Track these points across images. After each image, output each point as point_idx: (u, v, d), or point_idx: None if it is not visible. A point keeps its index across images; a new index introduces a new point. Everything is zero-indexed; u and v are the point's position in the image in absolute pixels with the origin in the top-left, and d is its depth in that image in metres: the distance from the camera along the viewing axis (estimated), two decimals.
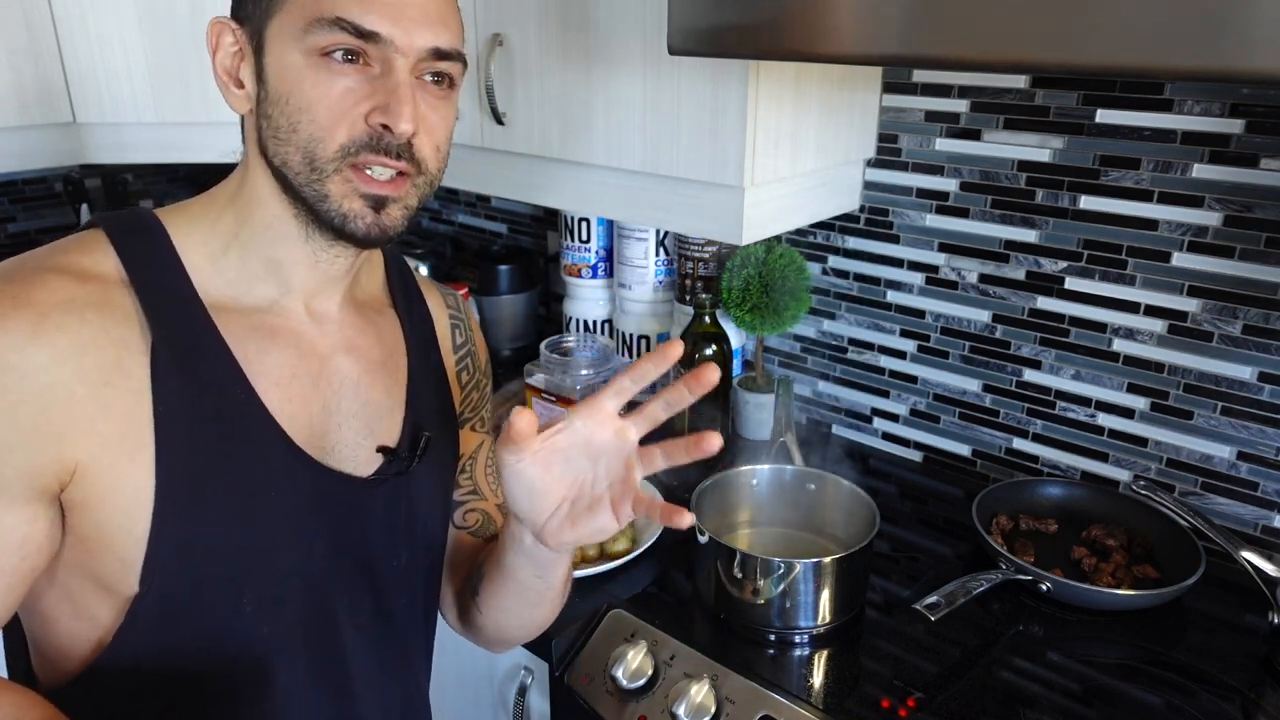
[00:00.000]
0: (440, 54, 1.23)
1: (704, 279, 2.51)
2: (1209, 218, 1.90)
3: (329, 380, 1.35)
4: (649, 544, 1.99)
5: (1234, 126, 1.84)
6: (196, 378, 1.21)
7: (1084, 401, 2.15)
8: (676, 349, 1.19)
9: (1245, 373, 1.93)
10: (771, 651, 1.77)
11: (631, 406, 1.23)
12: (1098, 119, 1.97)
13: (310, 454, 1.31)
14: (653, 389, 1.26)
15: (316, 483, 1.31)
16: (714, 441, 1.17)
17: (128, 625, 1.22)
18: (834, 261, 2.44)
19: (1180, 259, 1.95)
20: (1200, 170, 1.89)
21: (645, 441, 1.25)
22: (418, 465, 1.44)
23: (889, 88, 2.22)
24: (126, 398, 1.16)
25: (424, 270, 3.09)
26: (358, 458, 1.37)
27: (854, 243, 2.39)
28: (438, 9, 1.23)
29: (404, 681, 1.52)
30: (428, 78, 1.25)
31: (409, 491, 1.44)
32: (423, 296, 1.58)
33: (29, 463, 1.13)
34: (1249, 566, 1.76)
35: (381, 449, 1.39)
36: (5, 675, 1.29)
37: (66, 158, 2.55)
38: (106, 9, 2.35)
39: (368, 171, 1.22)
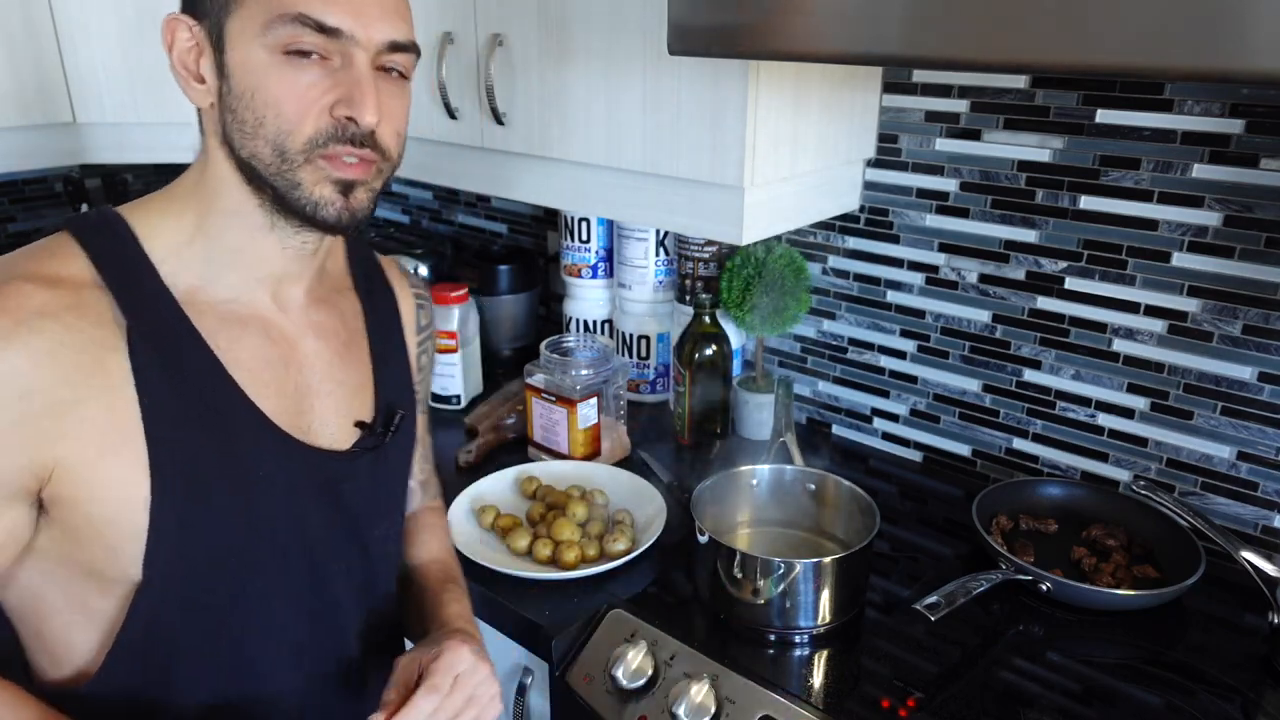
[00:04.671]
0: (397, 46, 1.29)
1: (704, 279, 2.51)
2: (1209, 218, 1.90)
3: (299, 363, 1.40)
4: (649, 544, 1.99)
5: (1234, 126, 1.84)
6: (177, 370, 1.25)
7: (1084, 401, 2.14)
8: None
9: (1245, 373, 1.93)
10: (771, 651, 1.77)
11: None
12: (1098, 119, 1.97)
13: (291, 434, 1.36)
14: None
15: (301, 459, 1.38)
16: None
17: (134, 612, 1.27)
18: (834, 261, 2.44)
19: (1180, 259, 1.95)
20: (1200, 170, 1.89)
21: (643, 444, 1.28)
22: (390, 439, 1.51)
23: (889, 88, 2.22)
24: (109, 395, 1.20)
25: (424, 271, 3.09)
26: (336, 434, 1.44)
27: (854, 243, 2.39)
28: (394, 3, 1.29)
29: (393, 639, 1.61)
30: (385, 69, 1.30)
31: (384, 464, 1.52)
32: (385, 277, 1.62)
33: (7, 466, 1.17)
34: (1249, 566, 1.76)
35: (359, 424, 1.46)
36: None
37: (66, 158, 2.55)
38: (106, 10, 2.35)
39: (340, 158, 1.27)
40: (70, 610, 1.30)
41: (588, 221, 2.68)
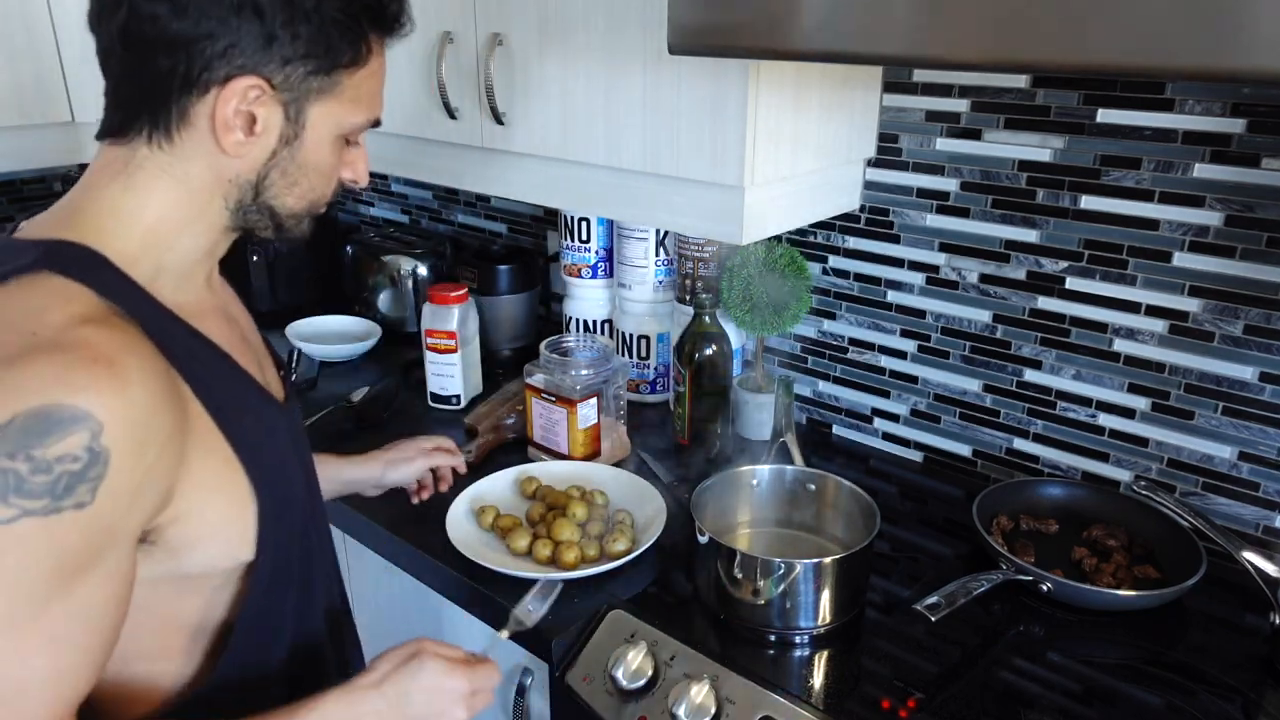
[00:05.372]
0: None
1: (704, 279, 2.51)
2: (1210, 217, 1.90)
3: (243, 335, 1.50)
4: (649, 544, 1.99)
5: (1235, 126, 1.84)
6: (208, 371, 1.31)
7: (1085, 401, 2.14)
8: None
9: (1246, 373, 1.93)
10: (772, 652, 1.77)
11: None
12: (1098, 119, 1.97)
13: (281, 399, 1.51)
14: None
15: (286, 417, 1.50)
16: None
17: (253, 589, 1.38)
18: (834, 261, 2.44)
19: (1181, 259, 1.95)
20: (1201, 170, 1.89)
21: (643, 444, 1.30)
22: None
23: (889, 87, 2.22)
24: (188, 413, 1.24)
25: (423, 270, 3.09)
26: (277, 387, 1.53)
27: (854, 242, 2.39)
28: None
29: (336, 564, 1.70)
30: None
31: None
32: None
33: (152, 504, 1.20)
34: (1250, 567, 1.76)
35: (281, 373, 1.61)
36: None
37: (65, 157, 2.55)
38: None
39: None
40: (153, 639, 1.34)
41: (587, 221, 2.68)
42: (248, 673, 1.40)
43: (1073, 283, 2.09)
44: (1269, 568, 1.75)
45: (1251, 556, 1.77)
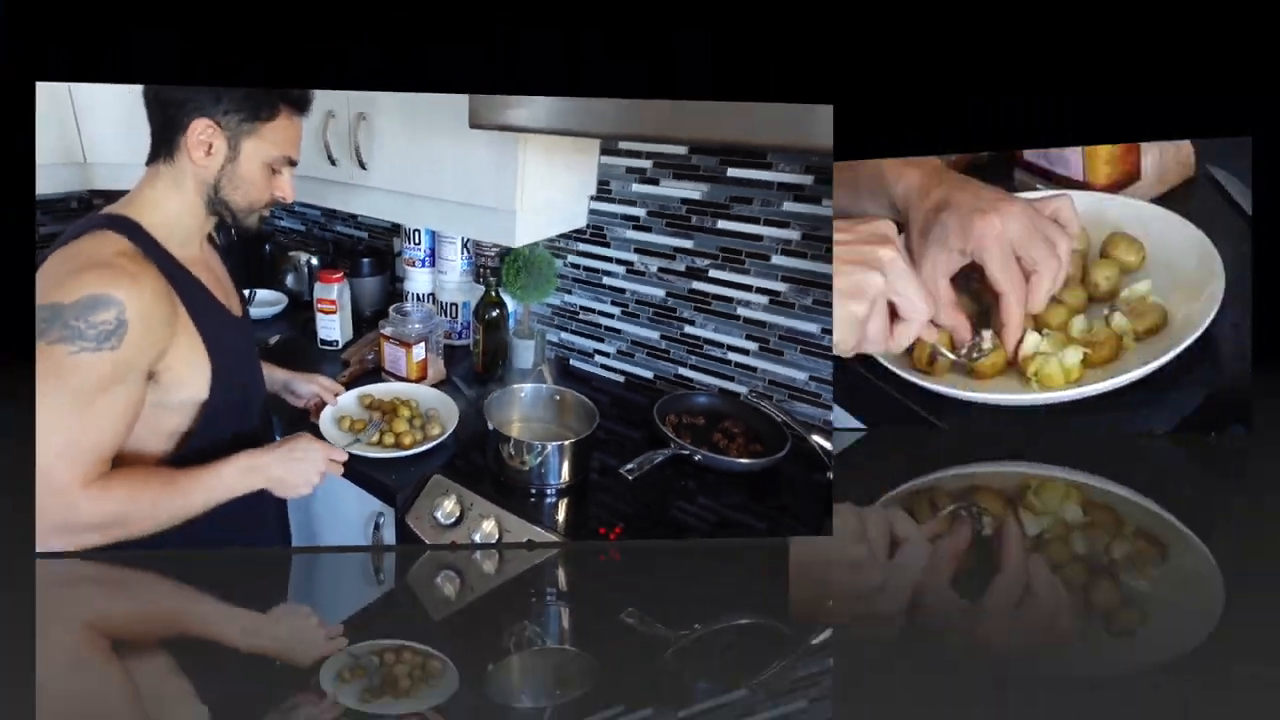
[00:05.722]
0: None
1: (492, 268, 2.44)
2: (793, 234, 1.94)
3: (217, 278, 1.58)
4: (452, 430, 1.92)
5: (808, 179, 1.88)
6: (193, 296, 1.45)
7: (720, 345, 2.16)
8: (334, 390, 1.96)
9: (814, 328, 1.97)
10: (533, 500, 1.76)
11: None
12: (729, 173, 1.99)
13: (236, 315, 1.61)
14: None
15: (244, 327, 1.66)
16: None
17: (200, 418, 1.50)
18: (571, 258, 2.39)
19: (777, 259, 1.98)
20: (789, 205, 1.92)
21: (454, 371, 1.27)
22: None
23: (605, 150, 2.18)
24: (179, 312, 1.41)
25: (315, 261, 2.95)
26: (239, 308, 1.64)
27: (583, 246, 2.35)
28: None
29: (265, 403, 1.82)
30: None
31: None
32: None
33: (152, 354, 1.37)
34: (816, 446, 1.83)
35: (241, 300, 1.68)
36: None
37: (79, 186, 2.32)
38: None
39: None
40: (153, 435, 1.47)
41: (419, 230, 2.59)
42: (204, 450, 1.50)
43: (714, 273, 2.10)
44: (826, 445, 1.83)
45: (817, 439, 1.83)
